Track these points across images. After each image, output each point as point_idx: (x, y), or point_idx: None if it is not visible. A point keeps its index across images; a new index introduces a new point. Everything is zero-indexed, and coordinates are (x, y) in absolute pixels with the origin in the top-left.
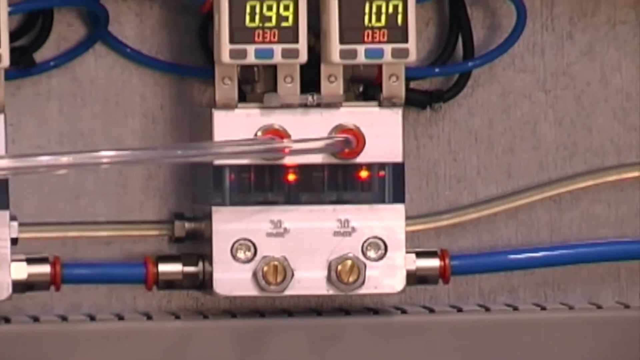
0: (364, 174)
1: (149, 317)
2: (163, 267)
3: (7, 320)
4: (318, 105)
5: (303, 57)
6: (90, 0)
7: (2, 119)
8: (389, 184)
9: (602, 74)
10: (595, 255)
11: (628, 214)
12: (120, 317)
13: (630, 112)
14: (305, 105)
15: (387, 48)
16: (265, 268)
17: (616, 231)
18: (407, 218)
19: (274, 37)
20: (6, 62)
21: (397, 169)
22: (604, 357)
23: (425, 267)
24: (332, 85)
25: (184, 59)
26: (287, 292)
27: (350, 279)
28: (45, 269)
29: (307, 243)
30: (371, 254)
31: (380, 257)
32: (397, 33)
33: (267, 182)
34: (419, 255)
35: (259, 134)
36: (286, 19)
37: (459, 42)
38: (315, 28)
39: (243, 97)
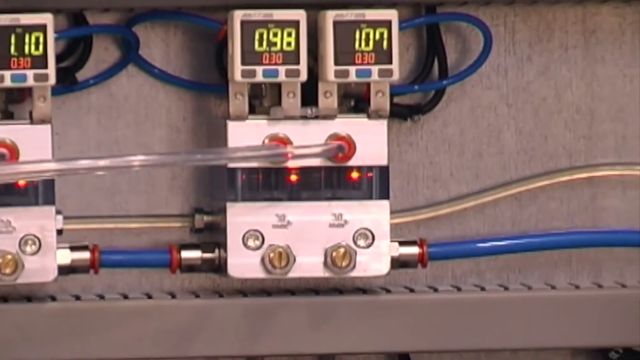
0: (354, 175)
1: (173, 296)
2: (185, 254)
3: (53, 299)
4: (316, 117)
5: (303, 76)
6: (124, 28)
7: (49, 129)
8: (375, 183)
9: (555, 91)
10: (550, 244)
11: (577, 209)
12: (149, 296)
13: (580, 123)
14: (305, 117)
15: (374, 69)
16: (272, 254)
17: (567, 223)
18: (391, 212)
19: (278, 60)
20: (53, 80)
21: (383, 171)
22: (557, 330)
23: (406, 254)
24: (327, 100)
25: (202, 78)
26: (290, 275)
27: (343, 264)
28: (86, 255)
29: (307, 233)
30: (361, 242)
31: (369, 245)
32: (383, 56)
33: (272, 182)
34: (401, 243)
35: (266, 141)
36: (289, 44)
37: (435, 64)
38: (313, 52)
39: (252, 110)
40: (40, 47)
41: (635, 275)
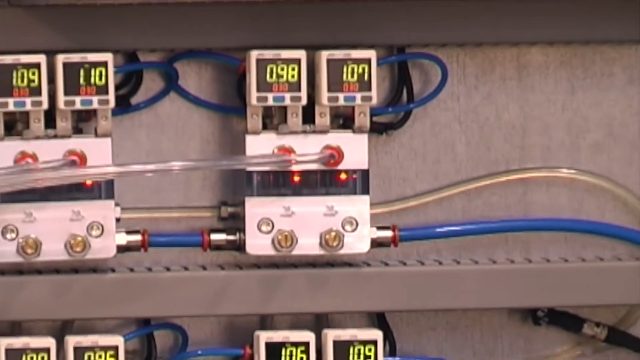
0: (343, 176)
1: (204, 268)
2: (213, 236)
3: (113, 271)
4: (313, 132)
5: (304, 101)
6: (166, 64)
7: (110, 141)
8: (359, 182)
9: (496, 112)
10: (491, 229)
11: (512, 202)
12: (186, 268)
13: (514, 136)
14: (305, 132)
15: (358, 95)
16: (279, 237)
17: (505, 213)
18: (371, 205)
19: (284, 88)
20: (112, 104)
21: (364, 173)
22: (497, 294)
23: (382, 236)
24: (322, 119)
25: (227, 102)
26: (293, 252)
27: (334, 244)
28: (138, 237)
29: (307, 221)
30: (347, 228)
31: (353, 230)
32: (364, 86)
33: (280, 181)
34: (378, 228)
35: (275, 150)
36: (293, 76)
37: (404, 91)
38: (311, 82)
39: (265, 127)
40: (103, 78)
41: (557, 253)
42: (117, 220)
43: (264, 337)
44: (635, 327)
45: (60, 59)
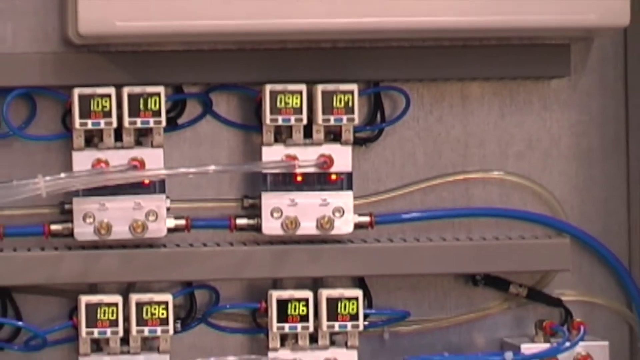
0: (333, 177)
1: (231, 244)
2: (238, 221)
3: (164, 246)
4: (311, 144)
5: (304, 121)
6: (203, 94)
7: (162, 151)
8: (345, 182)
9: (445, 130)
10: (442, 215)
11: (458, 196)
12: (218, 244)
13: (459, 148)
14: (305, 144)
15: (344, 117)
16: (287, 221)
17: (452, 204)
18: (353, 198)
19: (290, 112)
20: (164, 124)
21: (349, 175)
22: (446, 263)
23: (362, 221)
24: (318, 134)
25: (248, 122)
26: (297, 233)
27: (327, 227)
28: (182, 222)
29: (307, 210)
30: (336, 214)
31: (341, 216)
32: (349, 110)
33: (287, 180)
34: (359, 215)
35: (283, 157)
36: (296, 103)
37: (378, 115)
38: (310, 107)
39: (276, 140)
40: (157, 105)
41: (491, 233)
42: (167, 209)
43: (275, 295)
44: (548, 288)
45: (126, 90)
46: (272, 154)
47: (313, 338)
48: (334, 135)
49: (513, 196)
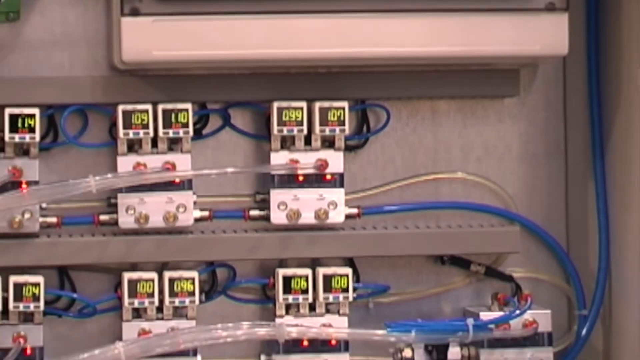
0: (328, 177)
1: (246, 231)
2: (252, 212)
3: (191, 232)
4: (310, 150)
5: (305, 132)
6: (223, 110)
7: (190, 156)
8: (337, 181)
9: (419, 139)
10: (417, 208)
11: (429, 193)
12: (235, 231)
13: (430, 153)
14: (305, 150)
15: (337, 128)
16: (291, 213)
17: (424, 199)
18: (345, 194)
19: (293, 124)
20: (191, 134)
21: (341, 175)
22: (419, 246)
23: (351, 212)
24: (316, 142)
25: (259, 133)
26: (299, 222)
27: (323, 217)
28: (206, 213)
29: (307, 203)
30: (331, 207)
31: (334, 209)
32: (341, 122)
33: (291, 180)
34: (349, 207)
35: (287, 161)
36: (298, 117)
37: (364, 126)
38: (309, 120)
39: (282, 147)
40: (185, 119)
41: (456, 223)
42: (194, 203)
43: (281, 272)
44: (502, 266)
45: (160, 107)
46: (279, 159)
47: (312, 307)
48: (328, 143)
49: (473, 192)
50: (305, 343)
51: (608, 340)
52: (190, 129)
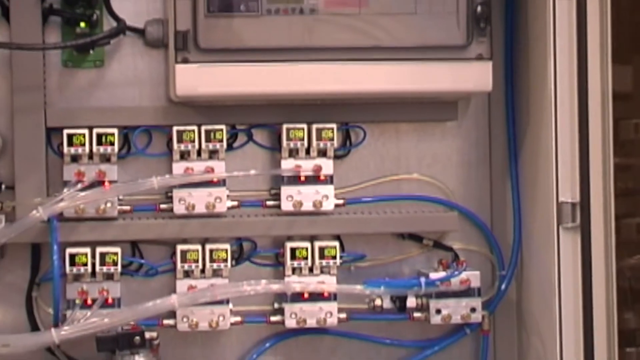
0: (322, 177)
1: (264, 216)
2: (268, 202)
3: (225, 216)
4: (309, 158)
5: (306, 145)
6: (247, 130)
7: (224, 163)
8: (328, 180)
9: (387, 150)
10: (384, 199)
11: (393, 189)
12: (256, 216)
13: (394, 161)
14: (306, 158)
15: (328, 143)
16: (295, 202)
17: (390, 193)
18: (334, 189)
19: (297, 140)
20: (225, 147)
21: (331, 176)
22: (385, 227)
23: (338, 202)
24: (313, 153)
25: (274, 145)
26: (301, 209)
27: (319, 206)
28: (235, 203)
29: (307, 196)
30: (324, 199)
31: (327, 200)
32: (331, 138)
33: (296, 179)
34: (337, 199)
35: (293, 166)
36: (301, 134)
37: (347, 141)
38: (309, 137)
39: (289, 156)
40: (221, 136)
41: (413, 210)
42: (227, 196)
43: (289, 245)
44: (445, 240)
45: (203, 128)
46: (287, 164)
47: (310, 270)
48: (322, 153)
49: (425, 189)
50: (306, 295)
51: (520, 292)
52: (224, 143)
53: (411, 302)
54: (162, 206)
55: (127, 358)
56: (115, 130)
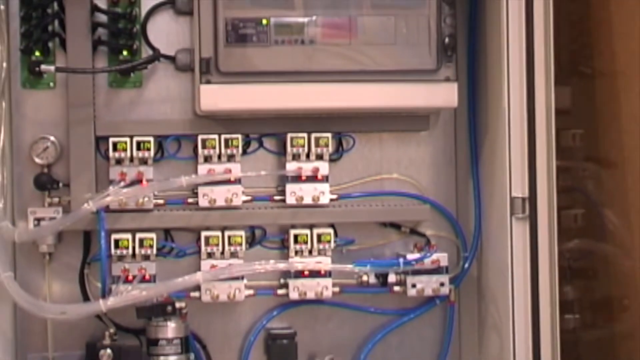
0: (319, 177)
1: (272, 208)
2: (276, 197)
3: (239, 209)
4: (309, 161)
5: (306, 151)
6: (259, 138)
7: (239, 165)
8: (324, 179)
9: (372, 154)
10: (370, 195)
11: (377, 187)
12: (265, 208)
13: (378, 163)
14: (306, 161)
15: (324, 149)
16: (298, 197)
17: (375, 190)
18: (330, 187)
19: (300, 146)
20: (240, 152)
21: (327, 176)
22: (372, 217)
23: (333, 197)
24: (312, 157)
25: (280, 151)
26: (302, 203)
27: (317, 200)
28: (249, 197)
29: (307, 192)
30: (321, 195)
31: (324, 195)
32: (327, 145)
33: (298, 178)
34: (332, 194)
35: (296, 168)
36: (302, 142)
37: (340, 147)
38: (309, 144)
39: (293, 159)
40: (237, 143)
41: (393, 203)
42: (242, 192)
43: (292, 232)
44: (419, 228)
45: (222, 136)
46: (291, 166)
47: (310, 252)
48: (320, 157)
49: (403, 186)
50: (306, 273)
51: (480, 270)
52: (240, 149)
53: (392, 278)
54: (189, 200)
55: (161, 323)
56: (151, 139)
